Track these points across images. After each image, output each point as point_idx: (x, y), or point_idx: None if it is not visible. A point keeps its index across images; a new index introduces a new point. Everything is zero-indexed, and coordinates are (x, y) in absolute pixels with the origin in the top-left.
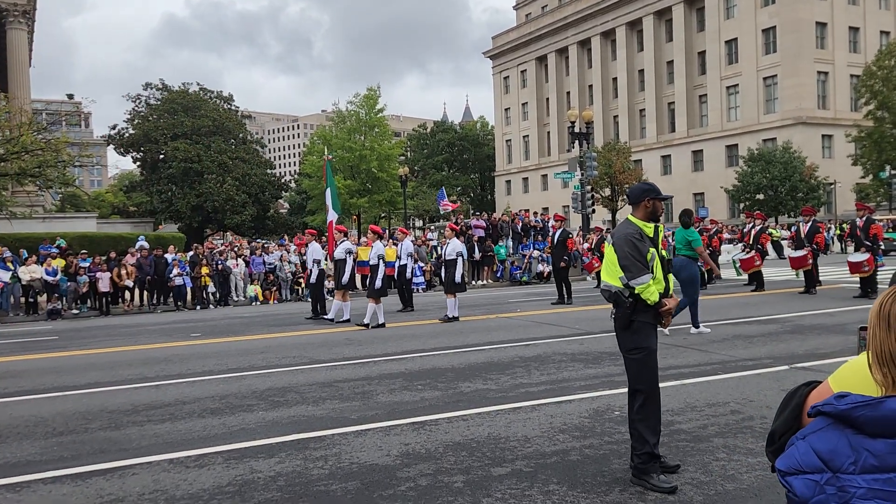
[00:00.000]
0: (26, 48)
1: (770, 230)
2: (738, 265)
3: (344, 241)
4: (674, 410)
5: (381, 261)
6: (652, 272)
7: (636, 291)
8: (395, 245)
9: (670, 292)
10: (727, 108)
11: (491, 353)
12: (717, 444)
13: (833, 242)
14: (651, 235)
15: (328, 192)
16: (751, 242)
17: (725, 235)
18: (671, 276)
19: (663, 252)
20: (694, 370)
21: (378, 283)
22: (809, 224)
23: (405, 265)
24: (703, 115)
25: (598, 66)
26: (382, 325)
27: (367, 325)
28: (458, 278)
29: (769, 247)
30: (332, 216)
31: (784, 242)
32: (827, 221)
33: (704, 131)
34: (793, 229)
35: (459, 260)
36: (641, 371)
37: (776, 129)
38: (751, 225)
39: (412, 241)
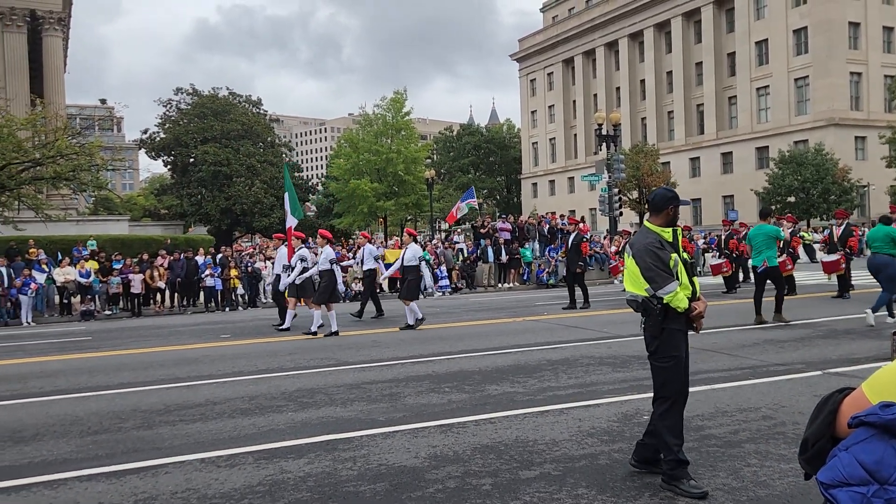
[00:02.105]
0: (61, 54)
1: (801, 233)
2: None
3: (301, 247)
4: (704, 415)
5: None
6: (677, 278)
7: (665, 300)
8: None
9: (698, 295)
10: (757, 110)
11: (518, 356)
12: (749, 449)
13: (866, 246)
14: (670, 240)
15: (286, 196)
16: (781, 246)
17: None
18: (696, 279)
19: (685, 255)
20: (724, 375)
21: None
22: (843, 227)
23: (370, 269)
24: (733, 116)
25: (626, 68)
26: (412, 327)
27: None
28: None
29: (801, 250)
30: (291, 221)
31: (816, 246)
32: (861, 225)
33: (734, 133)
34: (825, 233)
35: (423, 265)
36: (669, 379)
37: (808, 131)
38: (781, 228)
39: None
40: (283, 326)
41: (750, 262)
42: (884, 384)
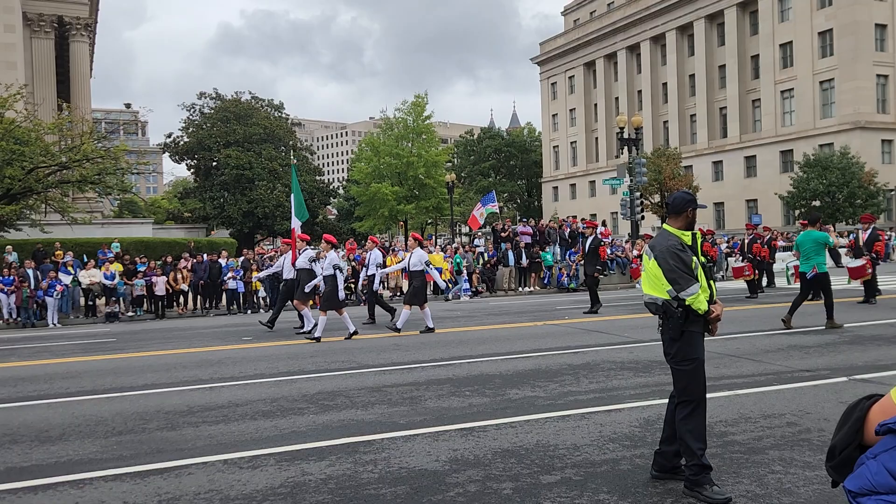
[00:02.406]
0: (88, 60)
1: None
2: (790, 273)
3: (307, 249)
4: (727, 421)
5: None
6: (697, 280)
7: (686, 302)
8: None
9: (714, 298)
10: (781, 113)
11: (539, 360)
12: (773, 456)
13: (894, 251)
14: (690, 243)
15: (292, 198)
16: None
17: (780, 243)
18: (713, 283)
19: (702, 259)
20: (748, 381)
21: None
22: (869, 232)
23: (373, 275)
24: (757, 119)
25: (648, 71)
26: (431, 330)
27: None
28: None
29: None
30: (296, 223)
31: (842, 250)
32: (888, 229)
33: (758, 136)
34: (851, 237)
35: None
36: (692, 382)
37: (833, 134)
38: (830, 235)
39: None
40: (304, 329)
41: (760, 266)
42: None
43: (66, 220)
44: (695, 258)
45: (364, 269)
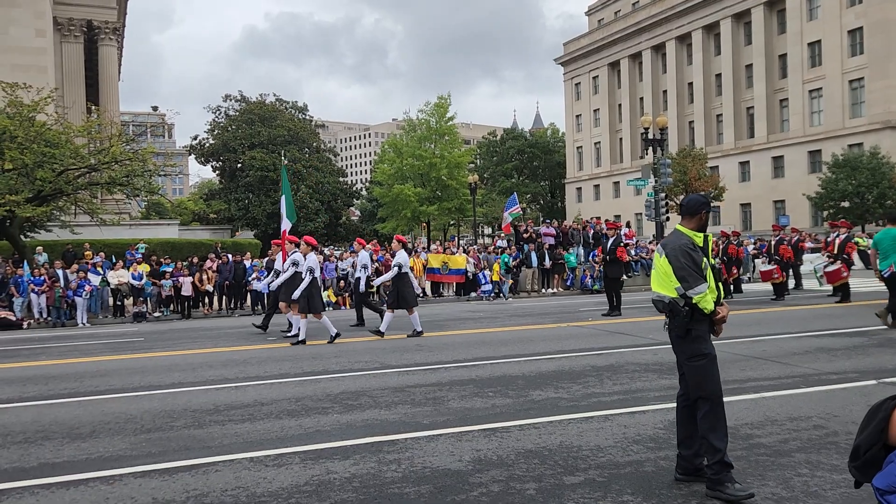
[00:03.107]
0: (116, 63)
1: (856, 239)
2: (819, 275)
3: (295, 251)
4: (753, 424)
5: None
6: (706, 280)
7: (694, 301)
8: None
9: (721, 300)
10: (810, 113)
11: (562, 361)
12: (799, 459)
13: None
14: (701, 245)
15: (283, 199)
16: (836, 252)
17: (808, 244)
18: (720, 285)
19: (712, 261)
20: (774, 383)
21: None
22: None
23: (359, 278)
24: (784, 119)
25: (673, 70)
26: (420, 333)
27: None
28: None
29: (855, 256)
30: (286, 225)
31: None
32: None
33: (785, 136)
34: None
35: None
36: (705, 378)
37: (862, 134)
38: (835, 234)
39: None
40: (291, 333)
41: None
42: None
43: (95, 221)
44: (705, 259)
45: (353, 270)
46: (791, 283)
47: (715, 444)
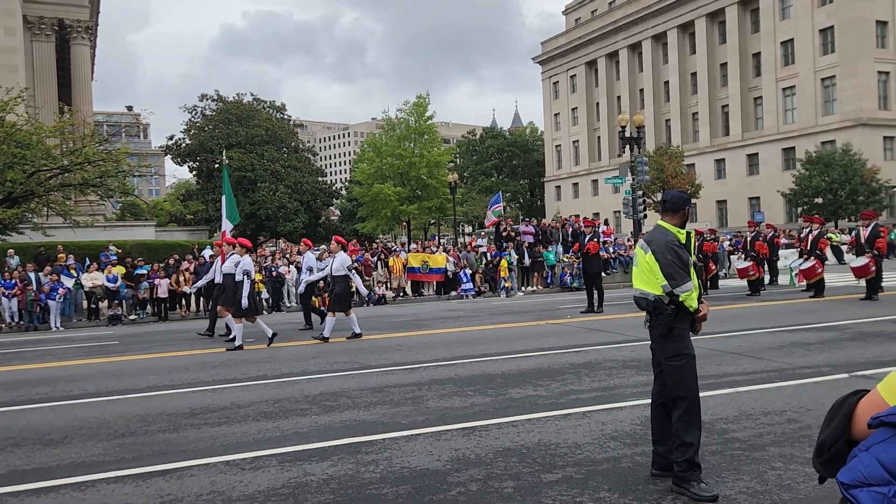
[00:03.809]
0: (89, 63)
1: (829, 234)
2: (794, 274)
3: (232, 253)
4: (728, 419)
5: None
6: (692, 279)
7: (680, 299)
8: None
9: (701, 298)
10: (783, 111)
11: (541, 359)
12: (773, 453)
13: None
14: (684, 242)
15: (223, 199)
16: (808, 248)
17: (782, 240)
18: (699, 282)
19: (693, 258)
20: (749, 378)
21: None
22: (870, 228)
23: (302, 281)
24: (759, 117)
25: (650, 69)
26: (358, 336)
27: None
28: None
29: (828, 252)
30: (227, 226)
31: (843, 247)
32: (890, 226)
33: (760, 134)
34: (852, 234)
35: (354, 274)
36: (684, 378)
37: (835, 132)
38: (808, 230)
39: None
40: (230, 337)
41: (784, 264)
42: None
43: (68, 223)
44: (690, 257)
45: (299, 272)
46: (766, 278)
47: (687, 441)
